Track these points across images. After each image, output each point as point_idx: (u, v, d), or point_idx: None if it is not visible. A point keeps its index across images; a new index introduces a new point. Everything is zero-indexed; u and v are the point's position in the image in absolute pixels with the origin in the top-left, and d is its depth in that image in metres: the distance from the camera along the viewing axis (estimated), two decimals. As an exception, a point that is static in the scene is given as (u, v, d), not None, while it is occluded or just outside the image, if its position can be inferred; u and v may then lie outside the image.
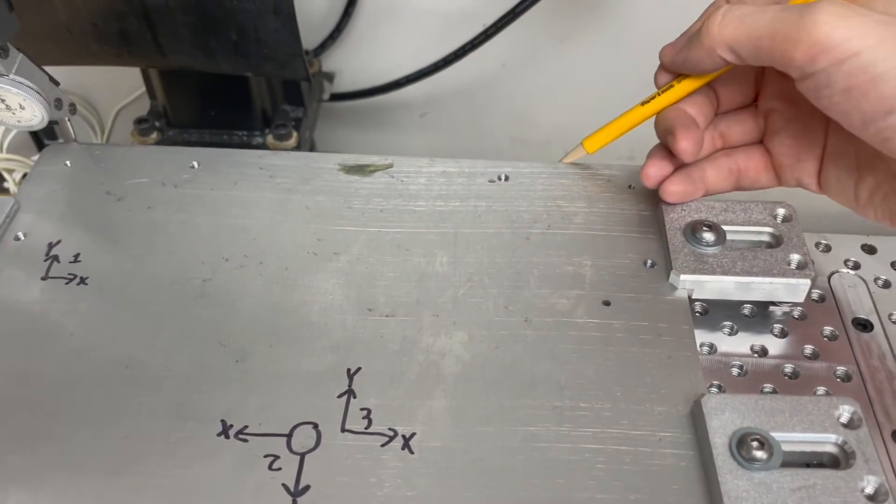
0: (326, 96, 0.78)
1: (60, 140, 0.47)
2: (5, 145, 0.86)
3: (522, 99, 0.84)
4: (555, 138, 0.84)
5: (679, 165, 0.41)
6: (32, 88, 0.40)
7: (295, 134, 0.66)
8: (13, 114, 0.41)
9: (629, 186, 0.44)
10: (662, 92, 0.40)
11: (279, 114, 0.69)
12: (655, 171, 0.41)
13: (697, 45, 0.37)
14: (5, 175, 0.78)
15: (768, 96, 0.41)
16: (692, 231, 0.40)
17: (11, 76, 0.39)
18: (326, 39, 0.75)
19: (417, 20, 0.77)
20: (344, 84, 0.80)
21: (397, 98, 0.81)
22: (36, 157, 0.75)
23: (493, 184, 0.44)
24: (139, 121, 0.67)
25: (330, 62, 0.78)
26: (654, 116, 0.41)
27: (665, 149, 0.41)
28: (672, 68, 0.40)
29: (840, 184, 0.39)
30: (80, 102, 0.88)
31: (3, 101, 0.40)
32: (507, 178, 0.44)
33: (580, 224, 0.42)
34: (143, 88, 0.86)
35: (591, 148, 0.43)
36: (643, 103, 0.41)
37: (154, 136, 0.65)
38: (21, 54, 0.40)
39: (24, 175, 0.72)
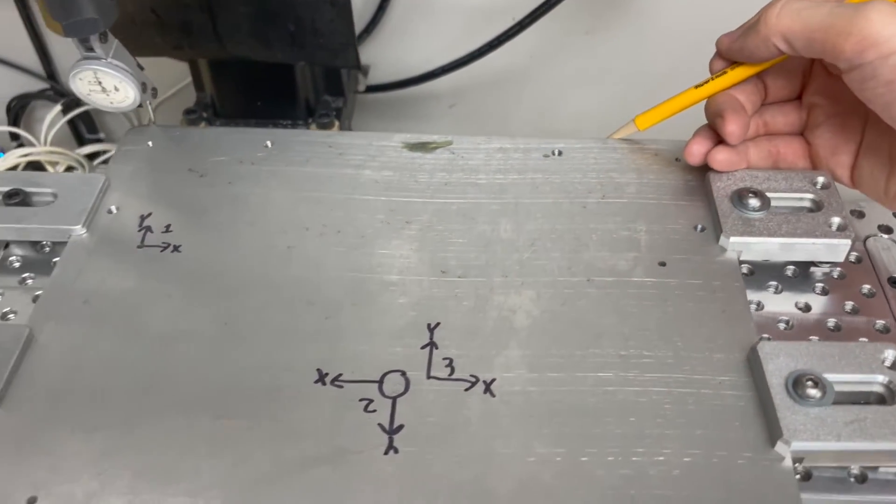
0: (362, 88, 0.81)
1: (101, 134, 0.50)
2: (49, 138, 0.90)
3: (549, 90, 0.87)
4: (580, 129, 0.87)
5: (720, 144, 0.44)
6: (127, 71, 0.43)
7: (336, 123, 0.69)
8: (107, 95, 0.44)
9: (676, 159, 0.47)
10: (716, 77, 0.43)
11: (321, 104, 0.72)
12: (699, 148, 0.44)
13: (754, 35, 0.40)
14: (49, 167, 0.81)
15: (813, 91, 0.45)
16: (738, 197, 0.43)
17: (109, 59, 0.42)
18: (362, 33, 0.78)
19: (449, 14, 0.80)
20: (376, 77, 0.83)
21: (427, 90, 0.84)
22: (78, 151, 0.78)
23: (547, 158, 0.47)
24: (188, 111, 0.70)
25: (364, 55, 0.81)
26: (706, 100, 0.44)
27: (710, 130, 0.44)
28: (727, 55, 0.43)
29: (872, 178, 0.43)
30: (120, 97, 0.91)
31: (99, 83, 0.43)
32: (560, 153, 0.48)
33: (632, 194, 0.45)
34: (184, 82, 0.89)
35: (643, 125, 0.46)
36: (697, 86, 0.44)
37: (202, 126, 0.68)
38: (117, 40, 0.43)
39: (68, 167, 0.75)
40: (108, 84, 0.43)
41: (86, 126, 0.94)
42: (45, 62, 0.89)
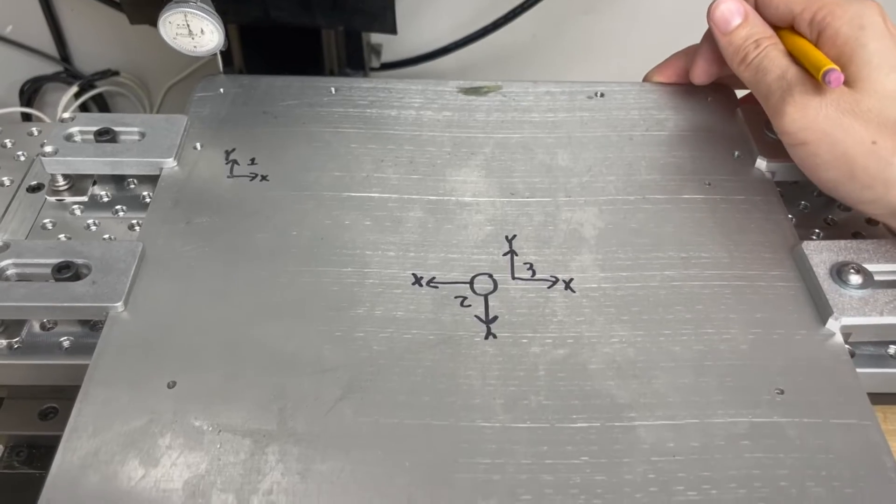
0: (377, 64, 0.85)
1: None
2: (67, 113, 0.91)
3: (549, 67, 0.92)
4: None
5: None
6: (214, 15, 0.46)
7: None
8: (192, 39, 0.47)
9: (707, 99, 0.52)
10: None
11: (343, 76, 0.76)
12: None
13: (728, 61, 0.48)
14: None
15: None
16: (767, 126, 0.48)
17: (199, 2, 0.46)
18: (377, 13, 0.82)
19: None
20: (387, 56, 0.88)
21: (435, 67, 0.89)
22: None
23: (591, 99, 0.52)
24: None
25: (377, 36, 0.85)
26: None
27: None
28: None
29: None
30: (132, 80, 0.94)
31: (188, 25, 0.46)
32: (602, 95, 0.52)
33: (672, 127, 0.50)
34: (193, 67, 0.92)
35: None
36: None
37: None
38: (204, -14, 0.47)
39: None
40: (195, 27, 0.47)
41: (98, 108, 0.97)
42: (59, 45, 0.92)
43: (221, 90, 0.52)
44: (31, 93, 0.94)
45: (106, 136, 0.47)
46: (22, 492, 0.45)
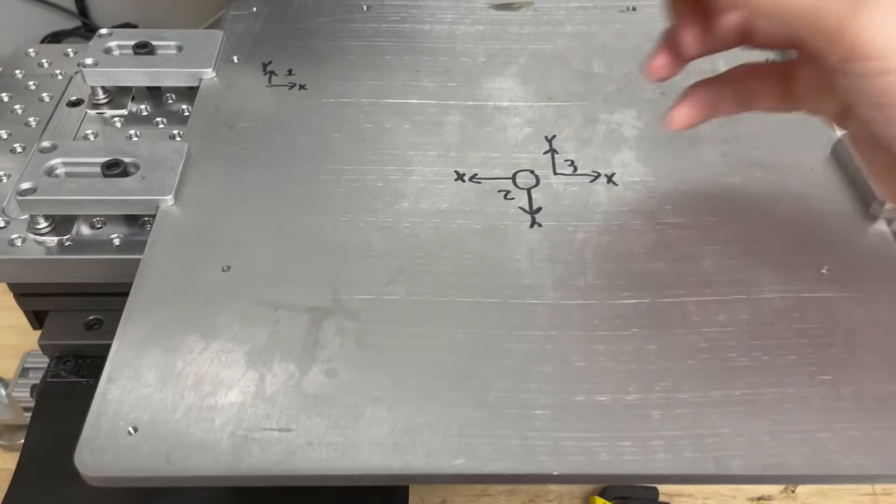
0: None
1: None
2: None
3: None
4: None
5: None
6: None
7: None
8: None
9: (738, 10, 0.52)
10: None
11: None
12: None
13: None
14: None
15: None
16: (803, 33, 0.48)
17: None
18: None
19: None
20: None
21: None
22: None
23: (623, 13, 0.52)
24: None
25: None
26: None
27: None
28: None
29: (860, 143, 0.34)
30: (151, 34, 0.94)
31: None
32: (634, 9, 0.53)
33: (705, 37, 0.50)
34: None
35: None
36: None
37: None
38: None
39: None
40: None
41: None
42: (77, -1, 0.92)
43: (254, 8, 0.52)
44: (50, 47, 0.94)
45: (144, 48, 0.47)
46: (69, 399, 0.46)
